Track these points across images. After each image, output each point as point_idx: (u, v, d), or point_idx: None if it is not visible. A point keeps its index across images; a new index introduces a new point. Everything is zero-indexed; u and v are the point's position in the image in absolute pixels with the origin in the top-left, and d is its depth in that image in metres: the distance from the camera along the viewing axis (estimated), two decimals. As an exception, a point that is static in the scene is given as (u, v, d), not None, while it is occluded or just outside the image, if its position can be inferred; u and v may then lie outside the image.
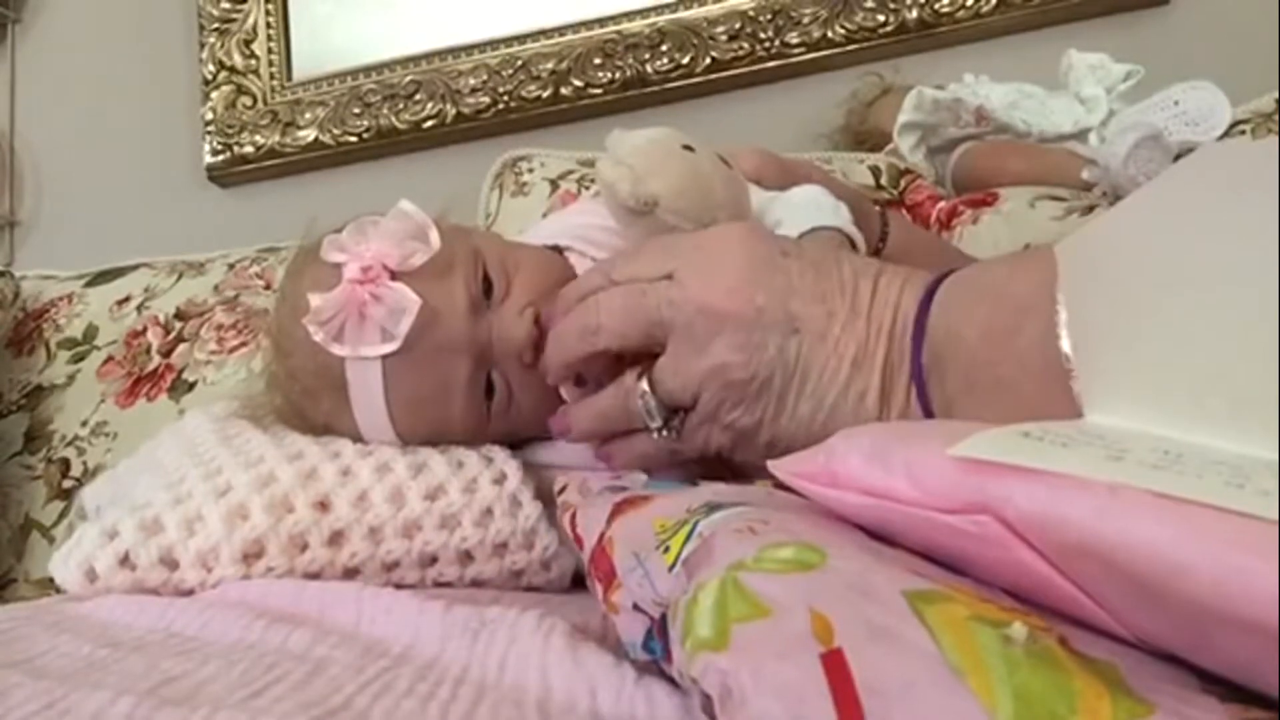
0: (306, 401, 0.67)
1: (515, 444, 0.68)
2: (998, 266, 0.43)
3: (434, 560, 0.61)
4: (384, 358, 0.61)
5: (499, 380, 0.64)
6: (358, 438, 0.66)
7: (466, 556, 0.62)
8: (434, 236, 0.62)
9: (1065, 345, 0.34)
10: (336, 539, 0.59)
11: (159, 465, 0.65)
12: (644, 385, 0.51)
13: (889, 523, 0.31)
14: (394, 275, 0.60)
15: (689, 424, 0.51)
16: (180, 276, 1.24)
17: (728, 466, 0.61)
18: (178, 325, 1.18)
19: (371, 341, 0.61)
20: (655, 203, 0.59)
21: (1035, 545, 0.25)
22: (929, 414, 0.43)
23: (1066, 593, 0.25)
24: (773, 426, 0.48)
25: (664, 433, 0.52)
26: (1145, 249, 0.30)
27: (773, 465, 0.37)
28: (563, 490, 0.54)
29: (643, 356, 0.52)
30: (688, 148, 0.62)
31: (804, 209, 0.66)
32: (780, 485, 0.45)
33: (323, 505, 0.59)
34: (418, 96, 1.52)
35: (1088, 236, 0.34)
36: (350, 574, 0.59)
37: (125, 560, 0.57)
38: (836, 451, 0.33)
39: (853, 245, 0.65)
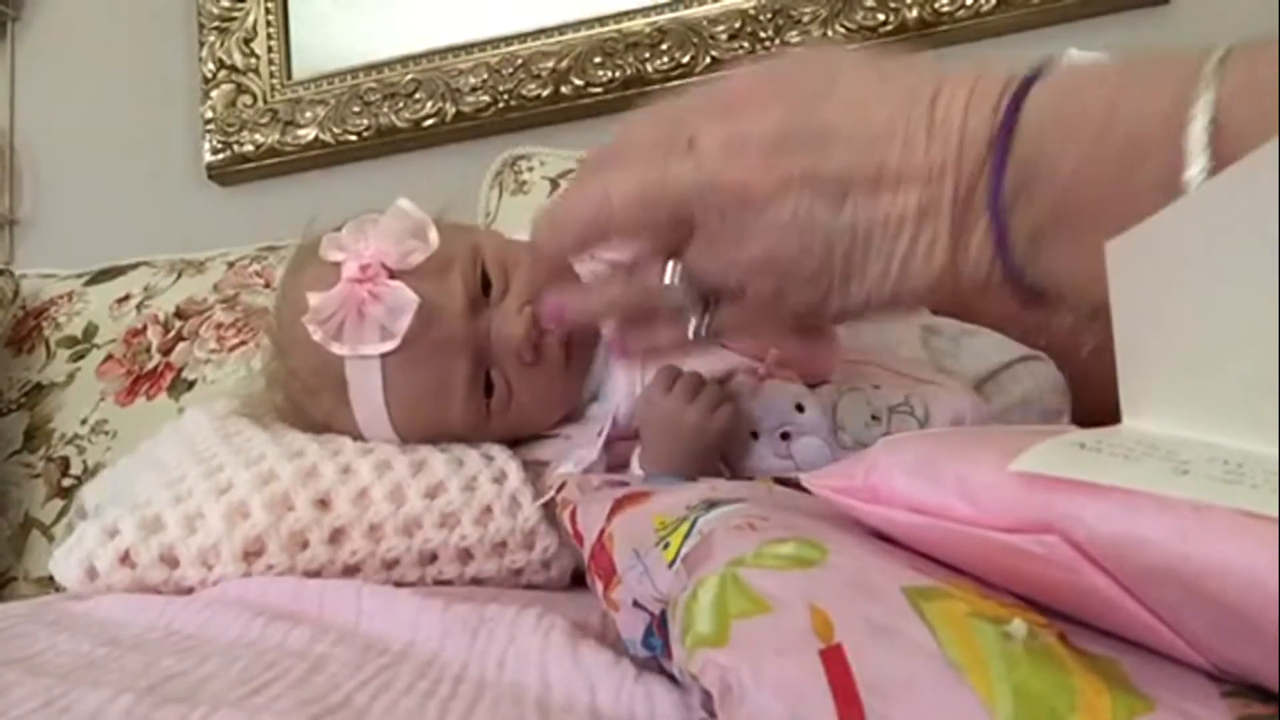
0: (306, 399, 0.67)
1: (515, 441, 0.68)
2: (1103, 83, 0.35)
3: (434, 558, 0.61)
4: (383, 356, 0.61)
5: (498, 378, 0.64)
6: (358, 435, 0.66)
7: (466, 555, 0.62)
8: (433, 235, 0.63)
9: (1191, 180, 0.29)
10: (337, 537, 0.59)
11: (159, 463, 0.65)
12: (674, 278, 0.44)
13: (939, 542, 0.29)
14: (392, 274, 0.60)
15: (743, 312, 0.44)
16: (180, 275, 1.24)
17: (726, 464, 0.61)
18: (177, 324, 1.17)
19: (370, 340, 0.61)
20: None
21: (1107, 568, 0.23)
22: (1005, 253, 0.37)
23: (1140, 620, 0.24)
24: (842, 295, 0.41)
25: (702, 332, 0.45)
26: (1196, 247, 0.28)
27: (806, 479, 0.36)
28: (562, 486, 0.54)
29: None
30: None
31: None
32: (782, 481, 0.45)
33: (323, 503, 0.59)
34: (418, 95, 1.51)
35: (1139, 233, 0.32)
36: (350, 571, 0.59)
37: (126, 558, 0.57)
38: (878, 465, 0.31)
39: None
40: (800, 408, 0.60)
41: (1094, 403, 0.43)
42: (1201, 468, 0.24)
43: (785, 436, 0.60)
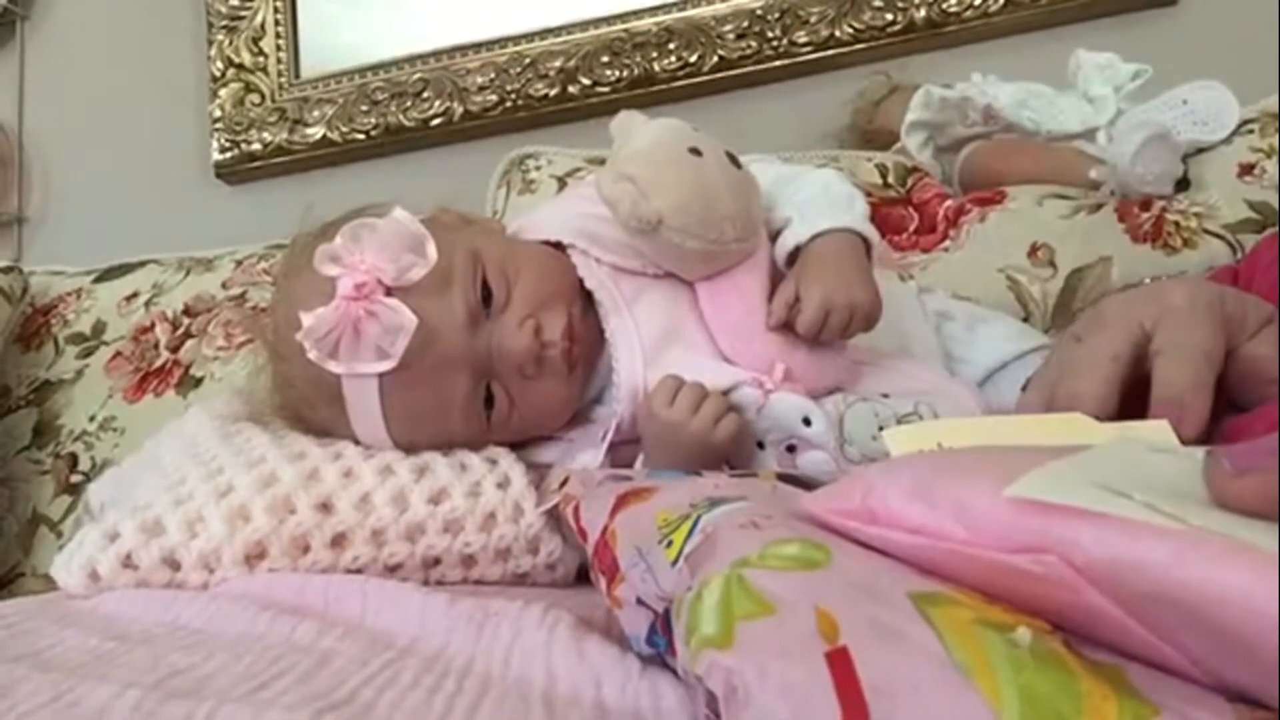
0: (304, 408, 0.66)
1: (517, 444, 0.68)
2: None
3: (437, 562, 0.60)
4: (381, 375, 0.60)
5: (499, 391, 0.63)
6: (357, 442, 0.65)
7: (470, 560, 0.61)
8: (430, 249, 0.60)
9: None
10: (339, 541, 0.58)
11: (160, 464, 0.65)
12: None
13: (940, 562, 0.29)
14: (389, 290, 0.59)
15: None
16: (188, 273, 1.24)
17: (728, 463, 0.61)
18: (186, 321, 1.18)
19: (367, 359, 0.59)
20: (659, 221, 0.58)
21: (1106, 591, 0.24)
22: None
23: (1140, 638, 0.24)
24: None
25: None
26: None
27: (807, 499, 0.36)
28: (565, 483, 0.54)
29: None
30: (695, 150, 0.60)
31: (814, 206, 0.64)
32: (784, 478, 0.45)
33: (325, 507, 0.59)
34: (425, 94, 1.52)
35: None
36: (352, 575, 0.59)
37: (127, 561, 0.56)
38: (875, 488, 0.31)
39: (866, 245, 0.63)
40: (807, 421, 0.59)
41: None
42: (1196, 490, 0.24)
43: (791, 449, 0.60)
